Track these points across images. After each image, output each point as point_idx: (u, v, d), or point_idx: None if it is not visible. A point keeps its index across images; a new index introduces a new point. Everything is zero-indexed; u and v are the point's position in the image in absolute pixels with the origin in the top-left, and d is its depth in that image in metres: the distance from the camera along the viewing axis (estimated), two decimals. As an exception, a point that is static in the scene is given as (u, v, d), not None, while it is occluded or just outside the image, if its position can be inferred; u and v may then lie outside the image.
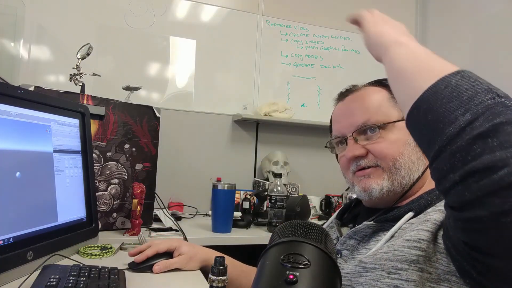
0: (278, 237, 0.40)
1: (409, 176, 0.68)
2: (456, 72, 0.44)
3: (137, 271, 0.85)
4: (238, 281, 0.86)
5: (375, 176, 0.69)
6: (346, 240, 0.70)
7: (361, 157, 0.70)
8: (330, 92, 2.40)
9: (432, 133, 0.42)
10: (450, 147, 0.39)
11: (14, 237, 0.75)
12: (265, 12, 2.34)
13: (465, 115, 0.39)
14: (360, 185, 0.71)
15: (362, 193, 0.71)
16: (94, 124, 1.32)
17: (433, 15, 2.67)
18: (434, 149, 0.41)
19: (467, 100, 0.40)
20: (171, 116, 2.05)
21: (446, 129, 0.40)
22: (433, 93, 0.43)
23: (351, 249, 0.69)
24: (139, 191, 1.28)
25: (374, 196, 0.69)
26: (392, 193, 0.69)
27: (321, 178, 2.35)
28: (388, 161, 0.68)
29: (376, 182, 0.69)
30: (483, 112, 0.38)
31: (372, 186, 0.69)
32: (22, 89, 0.84)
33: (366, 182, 0.70)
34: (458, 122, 0.39)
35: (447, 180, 0.40)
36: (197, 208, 1.97)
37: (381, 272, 0.56)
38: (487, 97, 0.40)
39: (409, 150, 0.68)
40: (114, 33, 2.04)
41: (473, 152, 0.37)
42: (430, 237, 0.55)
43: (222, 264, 0.63)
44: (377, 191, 0.69)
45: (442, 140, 0.40)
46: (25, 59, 1.87)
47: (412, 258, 0.54)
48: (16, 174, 0.78)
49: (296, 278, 0.33)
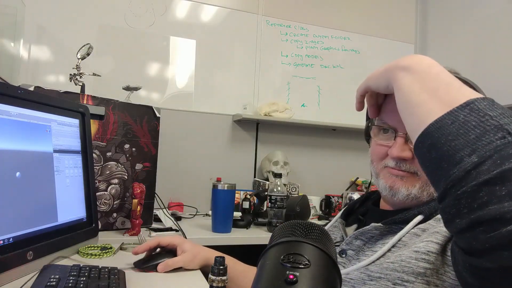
0: (278, 237, 0.40)
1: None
2: (465, 104, 0.40)
3: (143, 270, 0.85)
4: (238, 281, 0.86)
5: (407, 181, 0.66)
6: (352, 240, 0.69)
7: (405, 159, 0.66)
8: (330, 92, 2.40)
9: (437, 171, 0.40)
10: (455, 191, 0.37)
11: (14, 237, 0.75)
12: (265, 12, 2.34)
13: (471, 157, 0.36)
14: (388, 182, 0.68)
15: (386, 190, 0.68)
16: (94, 124, 1.32)
17: (433, 15, 2.67)
18: (440, 189, 0.39)
19: (474, 140, 0.37)
20: (171, 116, 2.05)
21: (451, 171, 0.38)
22: (438, 128, 0.40)
23: (357, 249, 0.68)
24: (139, 191, 1.28)
25: (399, 198, 0.67)
26: (416, 200, 0.67)
27: (321, 178, 2.35)
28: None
29: (406, 187, 0.66)
30: (491, 155, 0.35)
31: (400, 190, 0.66)
32: (22, 89, 0.85)
33: (396, 183, 0.67)
34: (463, 164, 0.37)
35: (454, 225, 0.38)
36: (197, 208, 1.97)
37: (387, 282, 0.56)
38: (497, 136, 0.36)
39: None
40: (114, 33, 2.04)
41: (479, 200, 0.35)
42: (439, 250, 0.54)
43: (222, 264, 0.63)
44: (403, 195, 0.66)
45: (446, 182, 0.38)
46: (25, 59, 1.87)
47: (419, 271, 0.53)
48: (16, 174, 0.78)
49: (296, 278, 0.33)
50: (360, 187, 2.26)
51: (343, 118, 2.30)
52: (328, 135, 2.39)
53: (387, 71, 0.52)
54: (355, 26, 2.53)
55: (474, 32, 2.18)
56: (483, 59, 1.91)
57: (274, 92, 2.34)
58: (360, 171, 2.33)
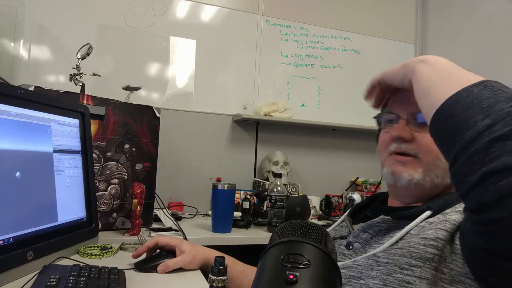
0: (278, 237, 0.40)
1: (443, 178, 0.67)
2: (479, 82, 0.44)
3: (143, 271, 0.86)
4: (238, 281, 0.86)
5: (410, 167, 0.68)
6: (359, 233, 0.69)
7: (406, 140, 0.68)
8: (330, 92, 2.40)
9: (452, 138, 0.42)
10: (468, 151, 0.40)
11: (14, 237, 0.75)
12: (265, 12, 2.34)
13: (484, 120, 0.39)
14: (391, 168, 0.69)
15: (390, 177, 0.70)
16: (94, 124, 1.32)
17: (433, 15, 2.67)
18: (453, 153, 0.42)
19: (488, 107, 0.40)
20: (171, 116, 2.05)
21: (465, 134, 0.40)
22: (455, 101, 0.44)
23: (364, 242, 0.67)
24: (139, 191, 1.28)
25: (401, 183, 0.68)
26: (420, 187, 0.68)
27: (321, 178, 2.35)
28: (429, 156, 0.67)
29: (409, 172, 0.67)
30: (503, 118, 0.38)
31: (402, 175, 0.68)
32: (22, 89, 0.85)
33: (398, 169, 0.68)
34: (477, 126, 0.40)
35: (465, 182, 0.40)
36: (197, 208, 1.97)
37: (394, 267, 0.55)
38: (509, 104, 0.40)
39: None
40: (114, 33, 2.04)
41: (491, 155, 0.37)
42: (448, 237, 0.55)
43: (222, 264, 0.63)
44: (406, 180, 0.67)
45: (460, 144, 0.41)
46: (25, 59, 1.87)
47: (427, 256, 0.53)
48: (16, 174, 0.78)
49: (296, 278, 0.33)
50: (360, 187, 2.26)
51: (343, 118, 2.30)
52: (328, 135, 2.39)
53: (404, 66, 0.58)
54: (355, 26, 2.53)
55: (474, 32, 2.18)
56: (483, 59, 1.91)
57: (274, 92, 2.34)
58: (360, 171, 2.33)
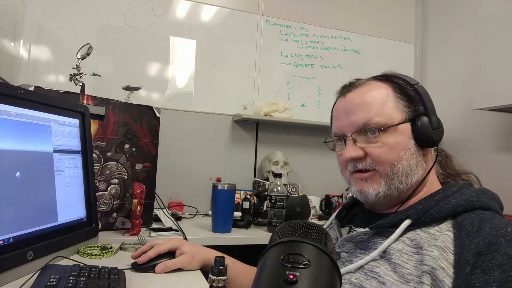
0: (278, 237, 0.40)
1: (406, 181, 0.67)
2: None
3: (140, 271, 0.85)
4: (238, 281, 0.86)
5: (372, 181, 0.68)
6: (344, 243, 0.71)
7: (359, 159, 0.69)
8: (330, 92, 2.39)
9: None
10: None
11: (14, 237, 0.75)
12: (265, 12, 2.34)
13: None
14: (357, 187, 0.70)
15: (359, 195, 0.71)
16: (94, 124, 1.32)
17: (433, 15, 2.67)
18: None
19: None
20: (171, 116, 2.05)
21: None
22: None
23: (349, 251, 0.69)
24: (139, 191, 1.28)
25: (370, 200, 0.69)
26: (389, 197, 0.68)
27: (321, 178, 2.35)
28: (385, 166, 0.67)
29: (373, 187, 0.68)
30: None
31: (368, 191, 0.68)
32: (22, 89, 0.85)
33: (362, 186, 0.69)
34: None
35: None
36: (197, 208, 1.97)
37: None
38: None
39: (409, 155, 0.67)
40: (114, 33, 2.04)
41: None
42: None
43: (222, 264, 0.63)
44: (373, 195, 0.68)
45: None
46: (25, 59, 1.87)
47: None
48: (16, 174, 0.78)
49: (296, 278, 0.33)
50: (360, 187, 2.26)
51: (343, 118, 2.29)
52: (328, 135, 2.38)
53: None
54: (355, 26, 2.53)
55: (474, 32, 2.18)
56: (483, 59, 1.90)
57: (274, 92, 2.34)
58: (360, 171, 2.32)
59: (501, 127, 2.10)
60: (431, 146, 0.70)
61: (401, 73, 0.74)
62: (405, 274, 0.59)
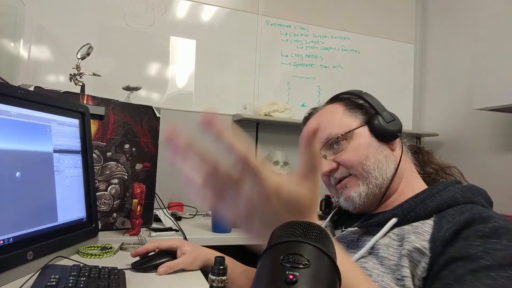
0: (278, 237, 0.40)
1: (381, 176, 0.71)
2: None
3: (140, 271, 0.85)
4: (238, 281, 0.87)
5: (351, 185, 0.73)
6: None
7: (334, 170, 0.74)
8: (330, 92, 2.39)
9: None
10: None
11: (14, 237, 0.75)
12: (265, 12, 2.34)
13: None
14: (342, 196, 0.74)
15: (346, 203, 0.75)
16: (94, 124, 1.32)
17: (433, 15, 2.67)
18: None
19: None
20: (171, 116, 2.04)
21: None
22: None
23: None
24: (139, 191, 1.28)
25: (357, 203, 0.72)
26: (372, 195, 0.72)
27: (321, 178, 2.35)
28: (357, 167, 0.72)
29: (354, 189, 0.72)
30: None
31: (351, 195, 0.72)
32: (22, 89, 0.85)
33: (345, 193, 0.73)
34: None
35: None
36: (197, 208, 1.97)
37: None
38: None
39: (373, 151, 0.72)
40: (114, 33, 2.04)
41: None
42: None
43: (222, 264, 0.63)
44: (357, 198, 0.72)
45: None
46: (25, 59, 1.87)
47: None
48: (16, 174, 0.78)
49: (295, 278, 0.33)
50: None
51: (343, 118, 2.30)
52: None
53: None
54: (355, 26, 2.53)
55: (474, 32, 2.18)
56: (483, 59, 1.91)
57: (274, 92, 2.34)
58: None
59: (501, 127, 2.10)
60: (393, 138, 0.74)
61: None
62: (391, 265, 0.62)
